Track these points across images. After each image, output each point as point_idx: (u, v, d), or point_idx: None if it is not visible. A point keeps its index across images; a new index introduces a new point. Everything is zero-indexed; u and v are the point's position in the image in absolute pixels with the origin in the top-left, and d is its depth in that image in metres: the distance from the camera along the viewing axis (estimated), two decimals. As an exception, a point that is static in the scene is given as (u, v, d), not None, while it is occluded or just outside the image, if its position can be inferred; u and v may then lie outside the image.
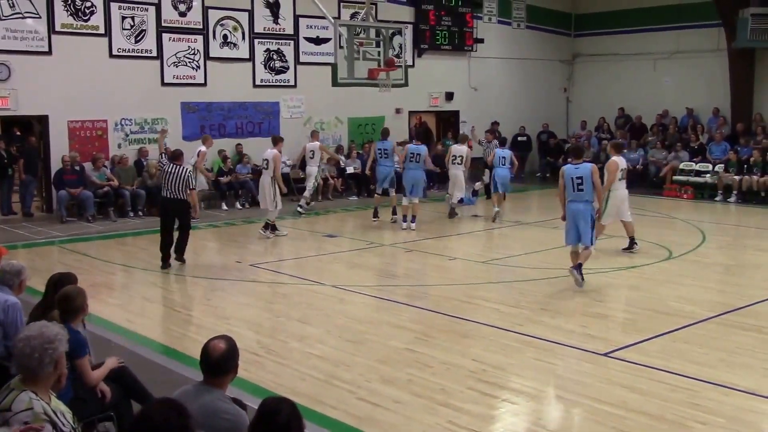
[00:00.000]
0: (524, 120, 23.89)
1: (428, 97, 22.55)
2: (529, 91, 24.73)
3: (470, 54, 23.21)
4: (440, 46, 22.38)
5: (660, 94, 23.29)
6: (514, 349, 7.87)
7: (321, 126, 20.01)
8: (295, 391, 6.56)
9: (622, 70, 24.39)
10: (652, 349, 7.81)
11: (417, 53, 21.97)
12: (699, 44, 22.52)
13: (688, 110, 22.78)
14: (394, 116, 21.64)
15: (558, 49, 25.66)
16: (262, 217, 16.68)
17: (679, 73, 23.10)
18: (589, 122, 24.53)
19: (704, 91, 22.48)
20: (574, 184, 10.43)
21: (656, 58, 23.56)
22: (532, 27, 24.91)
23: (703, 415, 6.14)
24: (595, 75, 25.36)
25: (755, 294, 9.97)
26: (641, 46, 23.80)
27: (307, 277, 11.32)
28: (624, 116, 24.08)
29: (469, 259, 12.51)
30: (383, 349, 7.87)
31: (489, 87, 23.64)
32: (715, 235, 14.64)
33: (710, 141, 21.13)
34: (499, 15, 24.02)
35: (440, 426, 5.98)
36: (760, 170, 19.03)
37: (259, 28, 19.16)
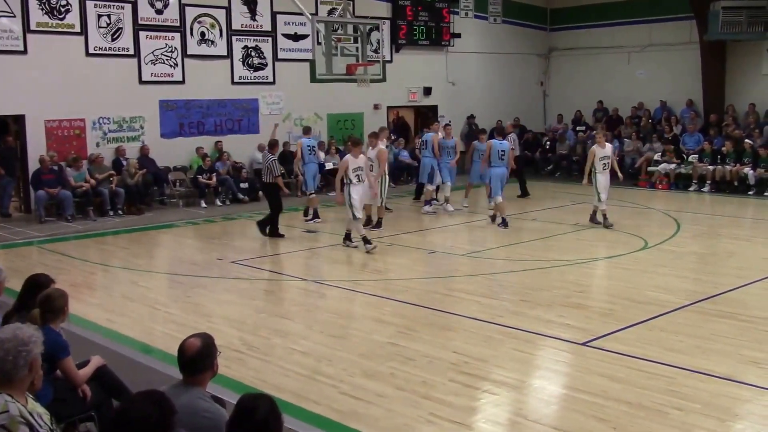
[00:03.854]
0: (502, 114, 24.00)
1: (406, 93, 22.61)
2: (506, 85, 24.87)
3: (447, 49, 23.29)
4: (418, 41, 22.44)
5: (634, 87, 23.51)
6: (494, 341, 7.96)
7: (300, 122, 20.02)
8: (278, 388, 6.61)
9: (597, 63, 24.59)
10: (629, 338, 7.94)
11: (395, 49, 22.02)
12: (672, 37, 22.76)
13: (662, 102, 23.03)
14: (372, 112, 21.69)
15: (534, 43, 25.81)
16: (241, 213, 16.76)
17: (653, 66, 23.32)
18: (565, 115, 24.70)
19: (677, 84, 22.72)
20: (498, 155, 14.48)
21: (630, 52, 23.77)
22: (508, 21, 25.03)
23: (680, 401, 6.26)
24: (570, 69, 25.54)
25: (729, 282, 10.14)
26: (615, 39, 24.01)
27: (288, 273, 11.37)
28: (602, 109, 24.28)
29: (449, 252, 12.60)
30: (365, 344, 7.93)
31: (466, 81, 23.75)
32: (689, 224, 14.84)
33: (684, 132, 21.39)
34: (475, 10, 24.11)
35: (422, 418, 6.05)
36: (733, 160, 19.31)
37: (236, 25, 19.12)
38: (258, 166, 19.37)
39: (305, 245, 13.45)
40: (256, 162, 19.44)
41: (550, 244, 13.11)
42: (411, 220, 15.72)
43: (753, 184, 18.73)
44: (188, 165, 18.48)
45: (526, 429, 5.94)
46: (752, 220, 16.44)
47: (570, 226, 14.58)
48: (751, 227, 15.66)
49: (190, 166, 18.41)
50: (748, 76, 21.67)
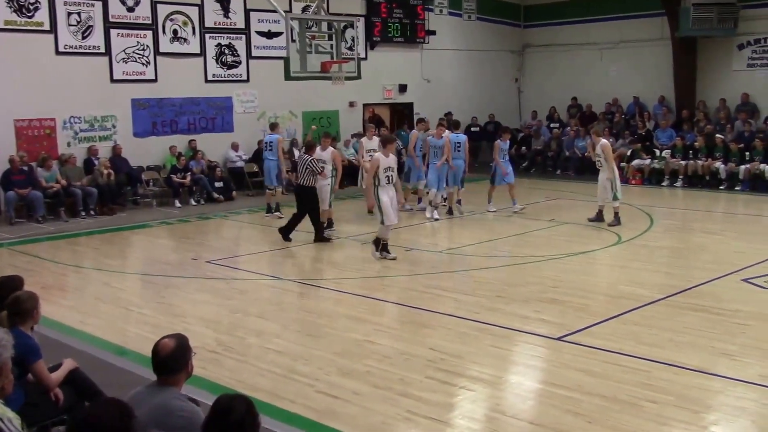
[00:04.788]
0: (476, 110, 24.10)
1: (382, 90, 22.60)
2: (481, 81, 24.94)
3: (422, 46, 23.31)
4: (392, 38, 22.44)
5: (608, 83, 23.67)
6: (471, 337, 7.98)
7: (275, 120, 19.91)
8: (254, 387, 6.57)
9: (570, 60, 24.73)
10: (604, 332, 8.00)
11: (369, 46, 22.00)
12: (644, 34, 22.94)
13: (635, 98, 23.21)
14: (348, 109, 21.67)
15: (508, 40, 25.90)
16: (216, 213, 16.65)
17: (626, 62, 23.50)
18: (539, 112, 24.84)
19: (650, 80, 22.91)
20: (455, 147, 15.06)
21: (602, 48, 23.94)
22: (482, 18, 25.10)
23: (654, 394, 6.32)
24: (544, 65, 25.66)
25: (701, 275, 10.25)
26: (588, 36, 24.16)
27: (263, 272, 11.31)
28: (576, 105, 24.43)
29: (425, 250, 12.61)
30: (342, 342, 7.91)
31: (441, 78, 23.78)
32: (662, 219, 14.97)
33: (656, 128, 21.58)
34: (449, 7, 24.15)
35: (399, 416, 6.05)
36: (705, 155, 19.51)
37: (209, 22, 18.99)
38: (232, 165, 19.31)
39: (281, 244, 13.38)
40: (230, 161, 19.35)
41: (525, 240, 13.16)
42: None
43: (724, 178, 18.94)
44: (162, 164, 18.34)
45: (503, 424, 5.95)
46: (724, 214, 16.62)
47: (545, 221, 14.66)
48: (723, 221, 15.84)
49: (164, 165, 18.27)
50: (719, 72, 21.90)
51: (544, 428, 5.81)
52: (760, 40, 21.14)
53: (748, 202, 17.35)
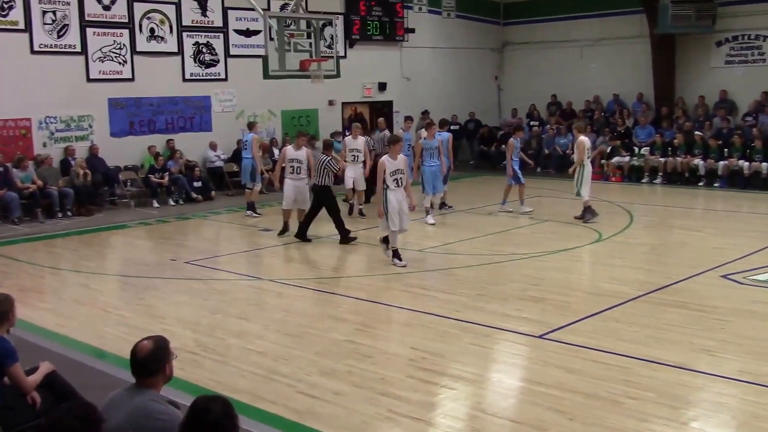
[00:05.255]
0: (456, 108, 24.10)
1: (361, 88, 22.55)
2: (461, 79, 24.95)
3: (402, 44, 23.28)
4: (371, 36, 22.38)
5: (587, 81, 23.75)
6: (452, 336, 7.97)
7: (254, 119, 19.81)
8: (234, 389, 6.53)
9: (550, 57, 24.78)
10: (585, 330, 8.02)
11: (348, 44, 21.93)
12: (623, 31, 23.02)
13: (614, 96, 23.31)
14: (327, 108, 21.60)
15: (488, 37, 25.92)
16: (195, 213, 16.54)
17: (605, 59, 23.59)
18: (519, 110, 24.89)
19: (629, 77, 23.01)
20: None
21: (582, 45, 24.02)
22: (461, 16, 25.10)
23: (635, 390, 6.33)
24: (524, 63, 25.71)
25: (681, 272, 10.30)
26: (568, 33, 24.23)
27: (243, 273, 11.24)
28: (555, 103, 24.51)
29: (406, 248, 12.56)
30: (322, 342, 7.88)
31: (421, 76, 23.76)
32: (642, 216, 15.04)
33: (636, 125, 21.69)
34: (429, 4, 24.12)
35: (380, 415, 6.03)
36: (684, 152, 19.64)
37: (187, 20, 18.85)
38: (211, 164, 19.19)
39: (261, 244, 13.32)
40: (209, 161, 19.23)
41: (506, 238, 13.18)
42: (368, 217, 15.66)
43: (703, 175, 19.08)
44: (139, 164, 18.19)
45: (484, 423, 5.95)
46: (703, 211, 16.75)
47: (526, 219, 14.69)
48: (702, 218, 15.95)
49: (142, 165, 18.12)
50: (698, 69, 22.05)
51: (525, 426, 5.81)
52: (738, 36, 21.30)
53: (726, 199, 17.48)
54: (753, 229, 13.71)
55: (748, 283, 9.73)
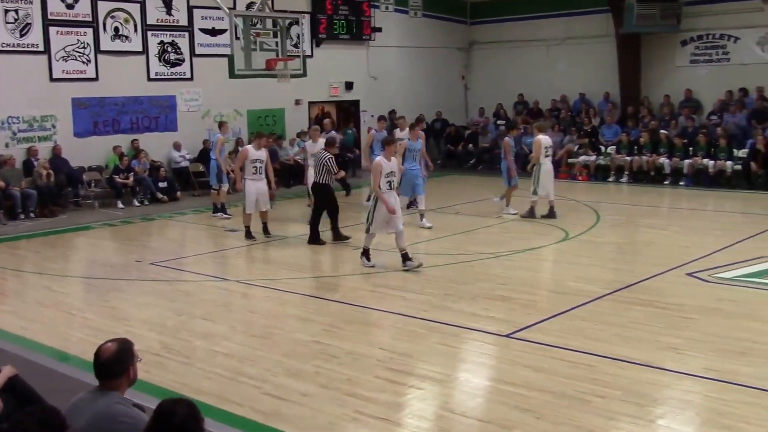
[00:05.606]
0: (423, 108, 24.06)
1: (328, 87, 22.46)
2: (428, 79, 24.96)
3: (368, 43, 23.24)
4: (338, 35, 22.31)
5: (554, 80, 23.88)
6: (420, 336, 7.95)
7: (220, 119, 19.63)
8: (199, 391, 6.45)
9: (517, 56, 24.89)
10: (552, 329, 8.04)
11: (315, 43, 21.84)
12: (589, 30, 23.20)
13: (581, 95, 23.48)
14: (294, 107, 21.49)
15: (455, 37, 25.97)
16: (161, 213, 16.37)
17: (572, 59, 23.74)
18: (487, 109, 24.96)
19: (595, 76, 23.20)
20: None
21: (549, 45, 24.16)
22: (428, 15, 25.11)
23: (602, 389, 6.36)
24: (491, 62, 25.80)
25: (646, 270, 10.37)
26: (535, 32, 24.34)
27: (209, 274, 11.13)
28: (522, 102, 24.62)
29: (373, 248, 12.51)
30: (289, 343, 7.82)
31: (388, 76, 23.74)
32: (608, 214, 15.15)
33: (602, 124, 21.87)
34: (395, 4, 24.09)
35: (348, 416, 5.99)
36: (649, 151, 19.83)
37: (151, 19, 18.62)
38: (176, 165, 18.99)
39: (227, 244, 13.20)
40: (174, 161, 19.03)
41: (473, 237, 13.20)
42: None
43: (668, 173, 19.28)
44: (104, 164, 17.94)
45: (452, 422, 5.93)
46: (668, 209, 16.91)
47: (493, 218, 14.72)
48: (668, 216, 16.11)
49: (106, 165, 17.87)
50: (663, 69, 22.28)
51: (493, 425, 5.80)
52: (703, 36, 21.57)
53: (691, 197, 17.68)
54: (718, 227, 13.89)
55: (713, 280, 9.84)
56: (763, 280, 9.80)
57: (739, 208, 16.09)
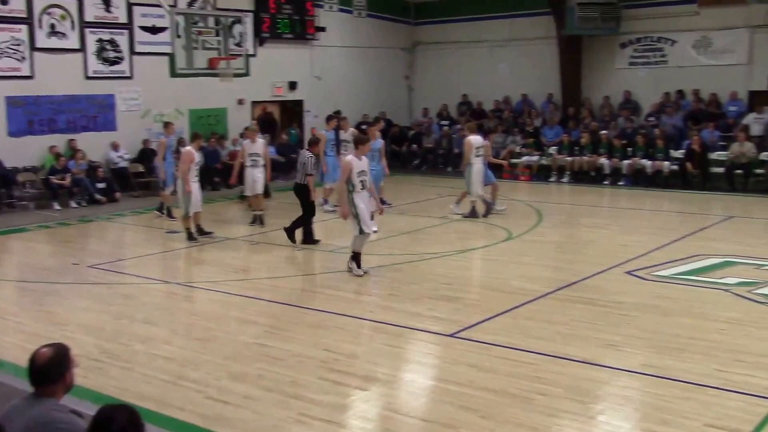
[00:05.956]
0: (367, 108, 24.09)
1: (271, 87, 22.29)
2: (372, 79, 24.97)
3: (312, 43, 23.13)
4: (282, 34, 22.15)
5: (497, 81, 24.12)
6: (364, 337, 7.94)
7: (161, 119, 19.33)
8: (140, 396, 6.34)
9: (461, 57, 25.05)
10: (495, 328, 8.10)
11: (258, 42, 21.64)
12: (532, 32, 23.48)
13: (523, 96, 23.75)
14: (236, 107, 21.26)
15: (399, 37, 26.02)
16: (99, 215, 16.03)
17: (514, 60, 24.00)
18: (431, 109, 25.08)
19: (538, 77, 23.48)
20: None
21: (493, 46, 24.37)
22: (373, 15, 25.12)
23: (544, 386, 6.42)
24: (435, 62, 25.92)
25: (588, 269, 10.53)
26: (478, 33, 24.54)
27: (150, 276, 10.92)
28: (466, 102, 24.80)
29: (317, 249, 12.48)
30: (232, 345, 7.72)
31: (332, 75, 23.67)
32: (550, 214, 15.34)
33: (544, 125, 22.16)
34: (340, 3, 24.03)
35: (292, 419, 5.93)
36: (590, 151, 20.17)
37: (89, 16, 18.20)
38: (115, 165, 18.62)
39: (167, 246, 12.98)
40: (113, 161, 18.65)
41: (418, 238, 13.23)
42: (279, 217, 15.48)
43: (608, 173, 19.63)
44: (39, 165, 17.48)
45: (396, 423, 5.92)
46: (608, 209, 17.21)
47: (437, 218, 14.78)
48: (608, 215, 16.39)
49: (42, 166, 17.42)
50: (603, 70, 22.68)
51: (437, 425, 5.81)
52: (641, 39, 22.02)
53: (630, 197, 18.03)
54: (656, 226, 14.18)
55: (652, 278, 10.03)
56: (698, 277, 10.03)
57: (676, 207, 16.48)
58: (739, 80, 20.50)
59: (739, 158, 18.15)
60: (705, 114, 20.38)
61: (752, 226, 14.30)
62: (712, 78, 20.66)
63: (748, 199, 17.04)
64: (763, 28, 19.37)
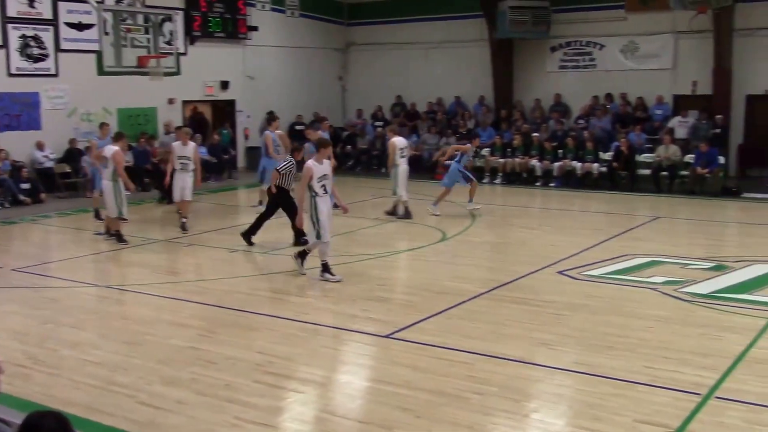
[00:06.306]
0: (300, 108, 23.98)
1: (202, 86, 21.97)
2: (306, 79, 24.85)
3: (245, 42, 22.90)
4: (213, 33, 21.88)
5: (431, 83, 24.27)
6: (300, 339, 7.88)
7: (88, 118, 18.87)
8: (68, 402, 6.17)
9: (395, 58, 25.14)
10: (430, 328, 8.13)
11: (189, 41, 21.32)
12: (464, 34, 23.72)
13: (456, 98, 23.96)
14: (167, 106, 20.89)
15: (332, 37, 25.97)
16: (23, 216, 15.55)
17: (448, 62, 24.20)
18: (364, 110, 25.09)
19: (471, 80, 23.72)
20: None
21: (427, 48, 24.52)
22: (306, 15, 25.00)
23: (479, 386, 6.48)
24: (369, 63, 25.94)
25: (521, 269, 10.67)
26: (413, 35, 24.66)
27: (78, 279, 10.62)
28: (399, 104, 24.89)
29: (251, 251, 12.35)
30: (164, 349, 7.56)
31: (265, 76, 23.47)
32: (484, 215, 15.48)
33: (477, 127, 22.40)
34: (272, 3, 23.85)
35: (227, 423, 5.85)
36: (522, 153, 20.48)
37: (12, 11, 17.63)
38: (40, 166, 18.07)
39: (96, 249, 12.65)
40: (37, 161, 18.10)
41: (352, 239, 13.19)
42: (212, 218, 15.28)
43: (540, 175, 19.96)
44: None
45: (332, 425, 5.90)
46: (539, 210, 17.49)
47: (371, 220, 14.79)
48: (539, 216, 16.65)
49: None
50: (534, 73, 23.06)
51: (373, 426, 5.81)
52: (571, 43, 22.47)
53: (561, 198, 18.36)
54: (586, 226, 14.48)
55: (582, 278, 10.22)
56: (627, 277, 10.26)
57: (605, 208, 16.85)
58: (665, 84, 21.11)
59: (665, 161, 18.67)
60: (632, 117, 20.92)
61: (677, 226, 14.73)
62: (639, 82, 21.22)
63: (673, 200, 17.54)
64: (687, 34, 19.97)
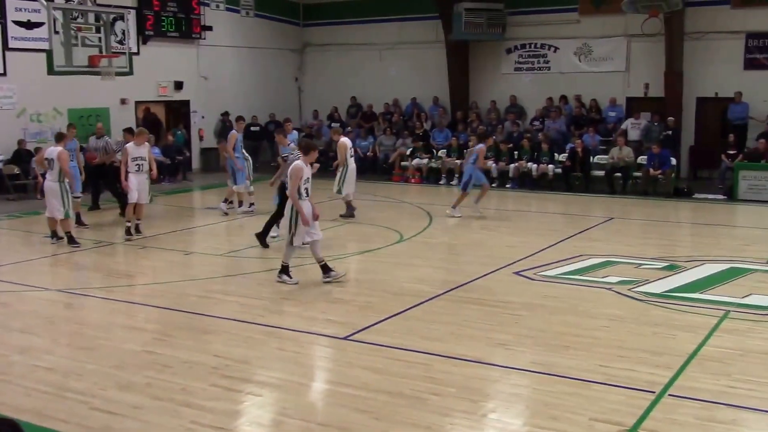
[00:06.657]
0: (256, 109, 23.81)
1: (156, 87, 21.69)
2: (261, 80, 24.70)
3: (199, 42, 22.68)
4: (166, 32, 21.63)
5: (387, 84, 24.30)
6: (257, 341, 7.81)
7: (38, 118, 18.49)
8: (18, 409, 6.05)
9: (351, 59, 25.12)
10: (388, 329, 8.13)
11: (142, 40, 21.03)
12: (420, 36, 23.81)
13: (413, 99, 24.02)
14: (119, 107, 20.57)
15: (288, 38, 25.85)
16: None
17: (404, 63, 24.26)
18: (321, 111, 25.02)
19: (426, 81, 23.81)
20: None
21: (382, 49, 24.55)
22: (261, 15, 24.85)
23: (437, 386, 6.49)
24: (325, 64, 25.88)
25: (477, 270, 10.72)
26: (368, 36, 24.67)
27: (27, 283, 10.38)
28: (356, 105, 24.86)
29: (206, 253, 12.22)
30: (118, 354, 7.43)
31: (220, 76, 23.27)
32: (441, 216, 15.53)
33: (433, 128, 22.48)
34: (227, 3, 23.67)
35: (183, 427, 5.77)
36: (477, 154, 20.57)
37: (-43, 9, 17.25)
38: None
39: (48, 251, 12.40)
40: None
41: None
42: (167, 220, 15.09)
43: (496, 176, 20.07)
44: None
45: (290, 428, 5.86)
46: (496, 211, 17.51)
47: (329, 221, 14.69)
48: (496, 217, 16.68)
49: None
50: (489, 75, 23.23)
51: (332, 428, 5.78)
52: (526, 45, 22.68)
53: (517, 199, 18.50)
54: (541, 227, 14.62)
55: (538, 278, 10.31)
56: (582, 277, 10.38)
57: (560, 209, 17.01)
58: (618, 87, 21.44)
59: (619, 162, 18.94)
60: (586, 119, 21.20)
61: (631, 227, 14.95)
62: (592, 84, 21.52)
63: (626, 200, 17.80)
64: (639, 37, 20.27)
